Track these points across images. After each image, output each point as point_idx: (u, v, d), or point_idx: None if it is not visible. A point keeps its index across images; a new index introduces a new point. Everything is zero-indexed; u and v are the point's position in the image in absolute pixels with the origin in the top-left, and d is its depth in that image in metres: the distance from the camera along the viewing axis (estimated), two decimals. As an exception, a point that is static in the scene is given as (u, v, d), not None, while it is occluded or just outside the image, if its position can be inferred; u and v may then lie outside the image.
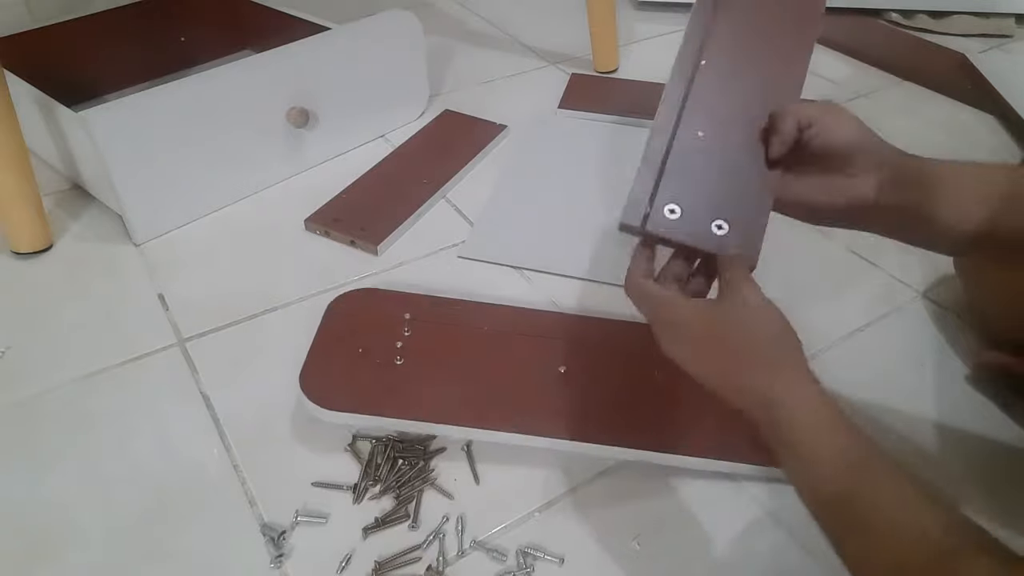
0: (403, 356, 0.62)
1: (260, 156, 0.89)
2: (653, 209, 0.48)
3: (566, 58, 1.24)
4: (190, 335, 0.71)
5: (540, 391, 0.61)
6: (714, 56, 0.53)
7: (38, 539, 0.54)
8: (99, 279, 0.78)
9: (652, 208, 0.48)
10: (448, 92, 1.12)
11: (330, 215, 0.84)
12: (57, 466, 0.59)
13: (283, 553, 0.53)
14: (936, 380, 0.68)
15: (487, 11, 1.40)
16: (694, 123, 0.51)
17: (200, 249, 0.82)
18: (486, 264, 0.80)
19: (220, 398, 0.65)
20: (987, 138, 1.05)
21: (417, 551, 0.54)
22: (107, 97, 1.04)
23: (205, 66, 1.11)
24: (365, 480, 0.58)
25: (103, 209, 0.87)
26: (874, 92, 1.15)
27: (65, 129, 0.82)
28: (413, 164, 0.94)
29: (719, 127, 0.51)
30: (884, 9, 1.39)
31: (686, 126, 0.51)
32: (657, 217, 0.48)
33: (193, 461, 0.60)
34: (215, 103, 0.82)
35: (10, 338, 0.70)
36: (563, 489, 0.58)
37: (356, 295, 0.70)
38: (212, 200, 0.87)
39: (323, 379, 0.60)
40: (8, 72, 0.76)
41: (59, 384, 0.66)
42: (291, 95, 0.88)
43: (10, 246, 0.80)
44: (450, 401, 0.59)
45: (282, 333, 0.71)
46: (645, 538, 0.55)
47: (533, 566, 0.53)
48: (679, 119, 0.51)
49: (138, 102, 0.77)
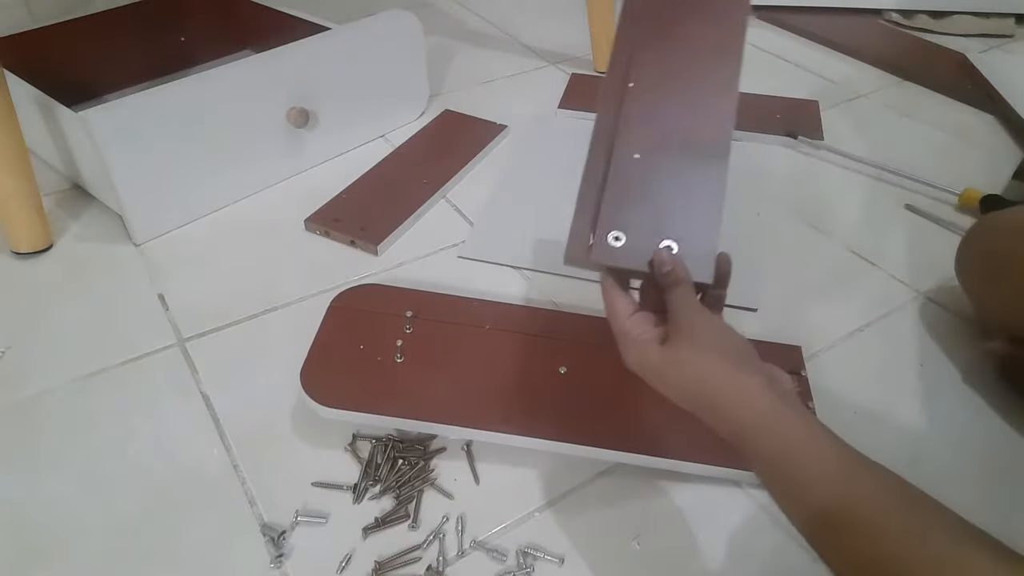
0: (403, 354, 0.62)
1: (260, 156, 0.89)
2: (596, 239, 0.47)
3: (566, 58, 1.24)
4: (190, 335, 0.71)
5: (540, 391, 0.61)
6: (641, 76, 0.52)
7: (38, 539, 0.54)
8: (99, 279, 0.78)
9: (595, 238, 0.47)
10: (448, 92, 1.12)
11: (330, 215, 0.84)
12: (57, 466, 0.59)
13: (283, 553, 0.53)
14: (935, 380, 0.68)
15: (487, 11, 1.40)
16: (628, 146, 0.50)
17: (200, 249, 0.82)
18: (486, 264, 0.80)
19: (220, 398, 0.65)
20: (987, 138, 1.05)
21: (417, 551, 0.53)
22: (107, 97, 1.05)
23: (205, 66, 1.11)
24: (365, 480, 0.58)
25: (103, 209, 0.87)
26: (874, 92, 1.15)
27: (65, 129, 0.82)
28: (413, 164, 0.94)
29: (654, 147, 0.50)
30: (884, 9, 1.39)
31: (620, 150, 0.50)
32: (602, 246, 0.47)
33: (193, 461, 0.60)
34: (215, 103, 0.82)
35: (10, 338, 0.70)
36: (563, 489, 0.58)
37: (359, 291, 0.70)
38: (212, 200, 0.87)
39: (324, 376, 0.60)
40: (8, 72, 0.76)
41: (59, 384, 0.66)
42: (291, 95, 0.88)
43: (10, 246, 0.80)
44: (450, 400, 0.59)
45: (282, 333, 0.71)
46: (645, 538, 0.55)
47: (533, 566, 0.53)
48: (612, 144, 0.50)
49: (138, 102, 0.77)
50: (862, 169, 0.96)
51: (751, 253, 0.82)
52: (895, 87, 1.18)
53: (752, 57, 1.26)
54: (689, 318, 0.44)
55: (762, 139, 1.01)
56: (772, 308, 0.75)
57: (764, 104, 1.08)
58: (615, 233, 0.47)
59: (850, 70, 1.23)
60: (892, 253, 0.83)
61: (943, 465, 0.61)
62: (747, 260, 0.81)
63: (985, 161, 0.98)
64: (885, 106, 1.11)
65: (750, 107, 1.06)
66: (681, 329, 0.44)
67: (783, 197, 0.91)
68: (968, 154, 1.01)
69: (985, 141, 1.04)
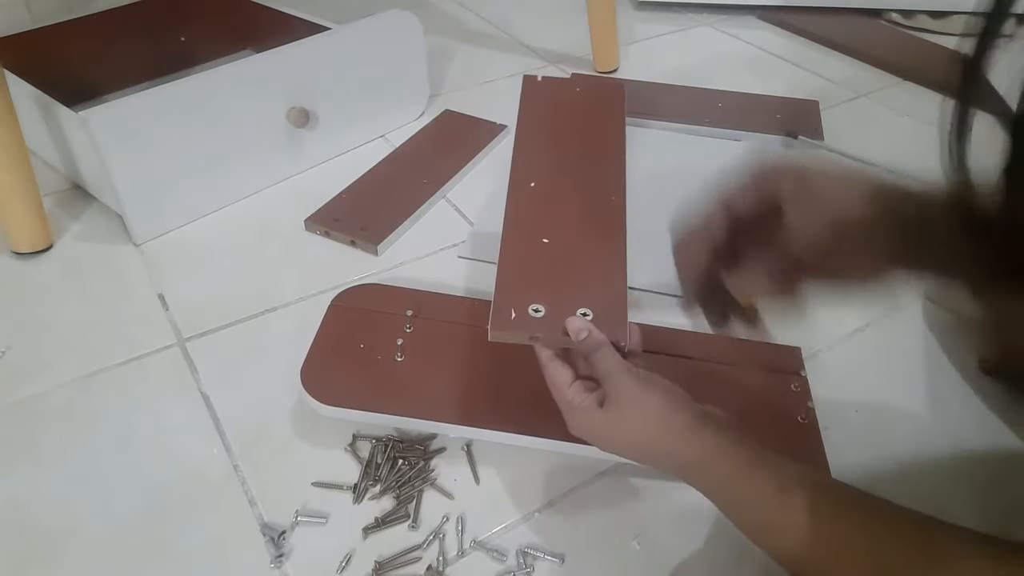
0: (404, 353, 0.62)
1: (260, 156, 0.89)
2: (518, 313, 0.51)
3: (566, 58, 1.24)
4: (190, 335, 0.71)
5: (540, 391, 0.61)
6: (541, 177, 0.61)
7: (38, 539, 0.54)
8: (99, 279, 0.78)
9: (516, 312, 0.51)
10: (448, 92, 1.12)
11: (330, 215, 0.84)
12: (57, 466, 0.59)
13: (283, 553, 0.53)
14: (935, 381, 0.68)
15: (487, 11, 1.40)
16: (537, 232, 0.58)
17: (200, 249, 0.82)
18: (486, 264, 0.80)
19: (220, 398, 0.65)
20: (987, 138, 1.05)
21: (417, 551, 0.53)
22: (107, 97, 1.05)
23: (205, 66, 1.11)
24: (365, 480, 0.58)
25: (103, 209, 0.87)
26: (874, 92, 1.15)
27: (65, 129, 0.82)
28: (413, 164, 0.94)
29: (559, 230, 0.58)
30: (884, 9, 1.39)
31: (530, 236, 0.57)
32: (523, 319, 0.51)
33: (193, 461, 0.60)
34: (215, 103, 0.82)
35: (10, 338, 0.70)
36: (563, 489, 0.58)
37: (359, 290, 0.70)
38: (212, 200, 0.87)
39: (324, 374, 0.60)
40: (8, 72, 0.76)
41: (59, 384, 0.66)
42: (291, 95, 0.88)
43: (10, 246, 0.80)
44: (450, 399, 0.59)
45: (282, 333, 0.71)
46: (645, 538, 0.55)
47: (533, 566, 0.53)
48: (523, 232, 0.58)
49: (138, 102, 0.77)
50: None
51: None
52: (895, 87, 1.18)
53: (752, 57, 1.26)
54: (616, 380, 0.47)
55: (762, 139, 1.01)
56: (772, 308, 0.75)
57: (764, 104, 1.08)
58: (535, 306, 0.52)
59: (850, 70, 1.23)
60: (892, 253, 0.82)
61: (943, 465, 0.61)
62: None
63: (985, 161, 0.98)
64: (885, 106, 1.11)
65: (750, 107, 1.06)
66: (612, 391, 0.47)
67: (783, 197, 0.91)
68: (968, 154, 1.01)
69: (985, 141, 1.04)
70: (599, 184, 0.61)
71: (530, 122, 0.65)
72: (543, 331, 0.51)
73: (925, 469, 0.60)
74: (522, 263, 0.56)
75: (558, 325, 0.51)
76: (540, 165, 0.62)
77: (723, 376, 0.64)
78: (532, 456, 0.59)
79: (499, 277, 0.54)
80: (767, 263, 0.49)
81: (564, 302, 0.52)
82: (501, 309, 0.52)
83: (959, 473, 0.60)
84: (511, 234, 0.58)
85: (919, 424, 0.64)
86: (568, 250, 0.57)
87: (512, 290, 0.53)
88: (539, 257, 0.56)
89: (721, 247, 0.51)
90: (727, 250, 0.51)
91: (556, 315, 0.52)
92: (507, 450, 0.58)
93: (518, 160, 0.62)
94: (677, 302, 0.75)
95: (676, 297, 0.76)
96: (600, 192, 0.60)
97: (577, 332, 0.50)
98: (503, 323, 0.51)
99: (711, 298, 0.54)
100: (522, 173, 0.62)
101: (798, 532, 0.41)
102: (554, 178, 0.61)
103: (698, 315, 0.55)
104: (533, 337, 0.51)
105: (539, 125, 0.65)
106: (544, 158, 0.62)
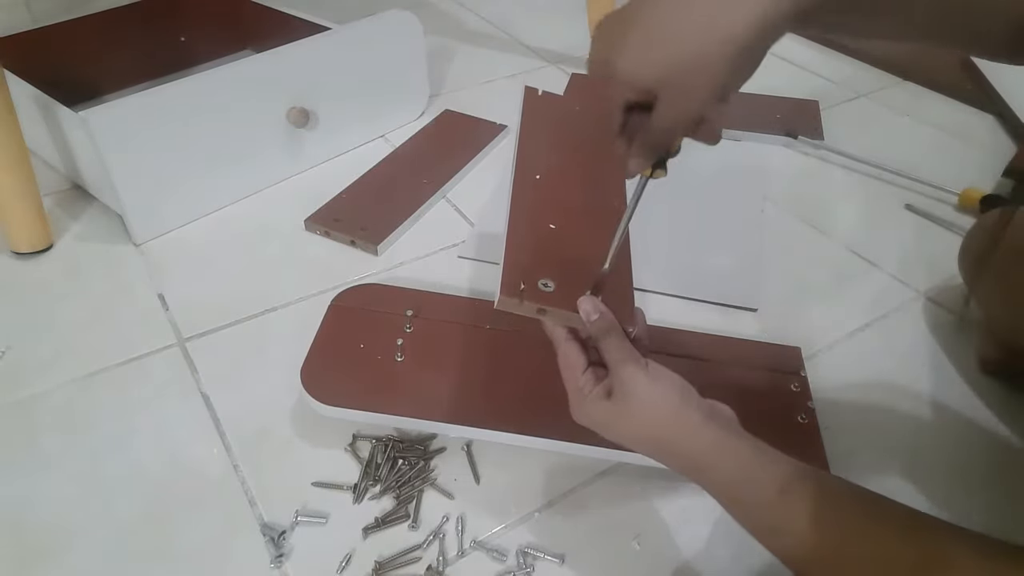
0: (404, 353, 0.62)
1: (260, 156, 0.89)
2: (527, 285, 0.50)
3: (566, 58, 1.24)
4: (190, 335, 0.71)
5: (540, 391, 0.61)
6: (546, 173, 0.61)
7: (38, 539, 0.54)
8: (99, 279, 0.78)
9: (526, 285, 0.50)
10: (448, 92, 1.12)
11: (330, 215, 0.84)
12: (57, 466, 0.59)
13: (283, 553, 0.53)
14: (935, 380, 0.68)
15: (487, 11, 1.40)
16: (544, 219, 0.57)
17: (200, 249, 0.82)
18: (486, 264, 0.80)
19: (220, 398, 0.65)
20: (987, 138, 1.05)
21: (417, 551, 0.53)
22: (107, 97, 1.05)
23: (205, 66, 1.11)
24: (365, 480, 0.58)
25: (103, 209, 0.87)
26: (874, 92, 1.15)
27: (65, 129, 0.82)
28: (413, 164, 0.94)
29: (565, 219, 0.57)
30: (884, 9, 1.39)
31: (536, 223, 0.56)
32: (533, 291, 0.50)
33: (193, 461, 0.60)
34: (215, 103, 0.82)
35: (10, 338, 0.70)
36: (563, 489, 0.58)
37: (359, 290, 0.70)
38: (212, 200, 0.87)
39: (324, 374, 0.60)
40: (8, 72, 0.76)
41: (59, 384, 0.66)
42: (291, 95, 0.88)
43: (10, 246, 0.80)
44: (450, 399, 0.59)
45: (282, 333, 0.71)
46: (645, 538, 0.55)
47: (533, 566, 0.53)
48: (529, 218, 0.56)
49: (138, 102, 0.77)
50: (862, 169, 0.96)
51: (751, 253, 0.82)
52: (895, 87, 1.18)
53: (752, 57, 1.25)
54: (627, 371, 0.46)
55: (762, 139, 1.01)
56: (772, 308, 0.75)
57: (764, 104, 1.08)
58: (544, 280, 0.51)
59: (850, 70, 1.23)
60: (892, 253, 0.83)
61: (942, 465, 0.61)
62: (747, 260, 0.81)
63: (985, 161, 0.98)
64: (885, 106, 1.11)
65: (750, 107, 1.06)
66: (622, 382, 0.46)
67: (783, 197, 0.91)
68: (968, 154, 1.01)
69: (985, 141, 1.04)
70: (601, 187, 0.61)
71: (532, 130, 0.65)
72: (552, 305, 0.49)
73: (925, 469, 0.60)
74: (531, 242, 0.54)
75: (568, 302, 0.49)
76: (544, 164, 0.62)
77: (723, 375, 0.64)
78: (532, 456, 0.59)
79: (507, 252, 0.52)
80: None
81: (573, 281, 0.51)
82: (511, 278, 0.50)
83: (959, 473, 0.60)
84: (518, 217, 0.56)
85: (919, 424, 0.64)
86: (575, 237, 0.56)
87: (521, 264, 0.52)
88: (547, 239, 0.55)
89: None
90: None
91: (566, 292, 0.50)
92: (507, 450, 0.58)
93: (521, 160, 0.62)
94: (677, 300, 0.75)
95: (677, 297, 0.76)
96: (602, 193, 0.60)
97: (588, 313, 0.48)
98: (512, 291, 0.49)
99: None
100: (527, 168, 0.61)
101: (800, 536, 0.41)
102: (558, 175, 0.61)
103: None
104: (541, 310, 0.49)
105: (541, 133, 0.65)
106: (547, 159, 0.62)
